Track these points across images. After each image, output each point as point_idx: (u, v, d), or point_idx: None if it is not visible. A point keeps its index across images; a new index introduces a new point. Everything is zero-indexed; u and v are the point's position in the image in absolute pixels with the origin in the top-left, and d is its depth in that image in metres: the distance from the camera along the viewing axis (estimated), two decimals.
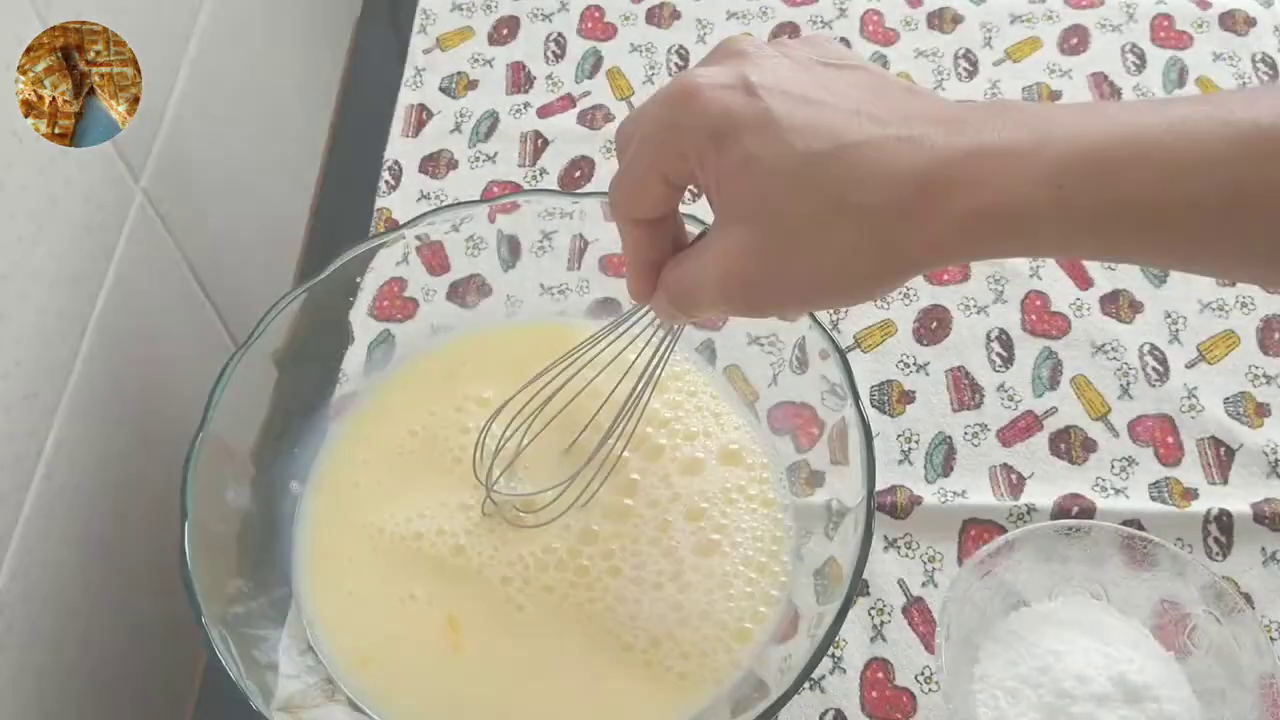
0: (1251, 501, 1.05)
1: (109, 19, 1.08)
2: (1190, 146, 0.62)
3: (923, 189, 0.64)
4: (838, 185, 0.65)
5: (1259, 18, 1.33)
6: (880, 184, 0.64)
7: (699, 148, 0.69)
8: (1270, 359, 1.12)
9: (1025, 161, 0.63)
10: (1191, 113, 0.63)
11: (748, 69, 0.69)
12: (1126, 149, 0.62)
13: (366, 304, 1.15)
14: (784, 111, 0.66)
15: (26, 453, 1.03)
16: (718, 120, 0.67)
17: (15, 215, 1.00)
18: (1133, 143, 0.62)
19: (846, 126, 0.66)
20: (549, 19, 1.39)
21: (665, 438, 1.03)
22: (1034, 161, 0.63)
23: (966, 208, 0.63)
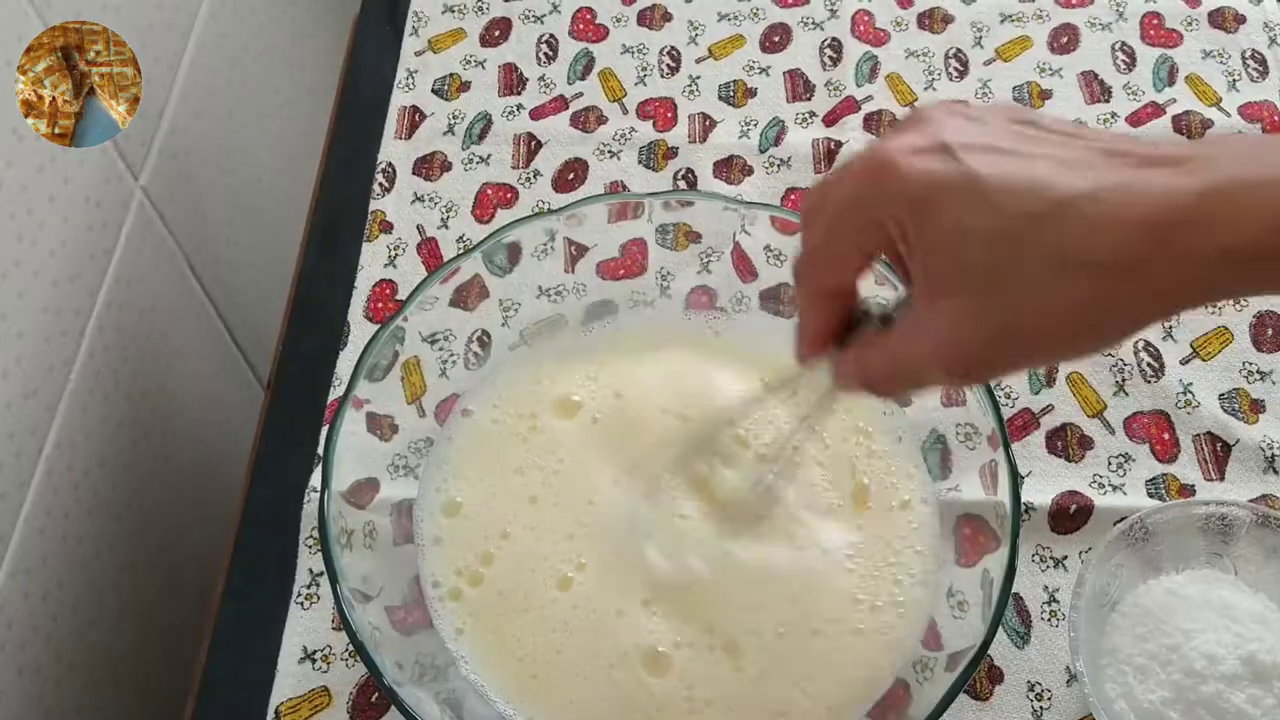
0: (1249, 497, 1.05)
1: (109, 19, 1.09)
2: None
3: (1156, 238, 0.60)
4: (1059, 245, 0.61)
5: (1248, 15, 1.34)
6: (1106, 238, 0.60)
7: (900, 221, 0.65)
8: (1264, 355, 1.13)
9: (1262, 195, 0.59)
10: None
11: (940, 131, 0.65)
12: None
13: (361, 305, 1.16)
14: (988, 171, 0.63)
15: (27, 451, 1.03)
16: (919, 190, 0.64)
17: (15, 214, 1.00)
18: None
19: (1057, 180, 0.62)
20: (540, 21, 1.39)
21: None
22: (1272, 194, 0.59)
23: (1204, 252, 0.59)
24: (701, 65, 1.34)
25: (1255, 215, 0.59)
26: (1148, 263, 0.60)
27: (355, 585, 0.90)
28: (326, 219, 1.26)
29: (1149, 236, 0.60)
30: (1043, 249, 0.61)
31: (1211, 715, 0.89)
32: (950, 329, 0.66)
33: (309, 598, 1.03)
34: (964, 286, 0.64)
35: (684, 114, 1.30)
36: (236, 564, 1.07)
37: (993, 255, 0.63)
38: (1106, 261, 0.60)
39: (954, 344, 0.66)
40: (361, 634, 0.86)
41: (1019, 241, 0.62)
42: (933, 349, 0.67)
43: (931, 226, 0.64)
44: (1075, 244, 0.61)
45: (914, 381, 0.73)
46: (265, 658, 1.01)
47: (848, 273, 0.72)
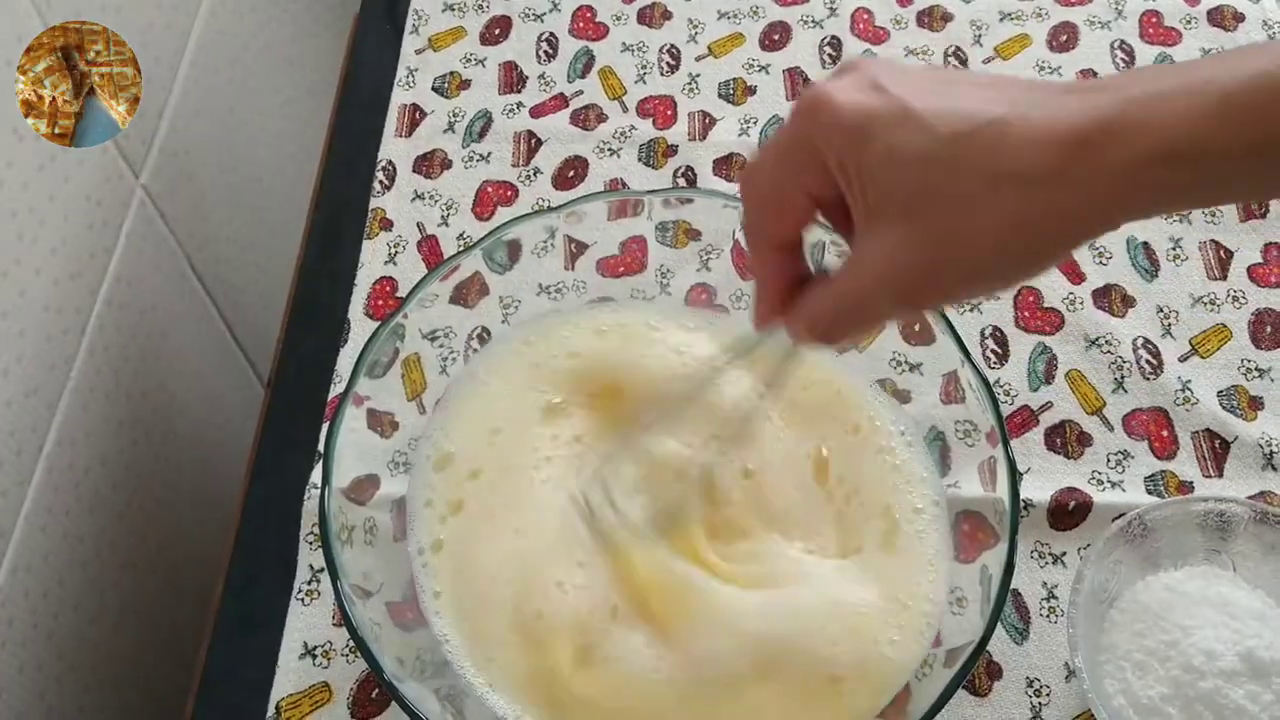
0: (1247, 494, 1.05)
1: (109, 18, 1.09)
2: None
3: (1081, 144, 0.62)
4: (990, 158, 0.64)
5: (1247, 13, 1.34)
6: (1034, 149, 0.63)
7: (838, 150, 0.68)
8: (1262, 352, 1.13)
9: (1183, 102, 0.62)
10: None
11: (871, 72, 0.68)
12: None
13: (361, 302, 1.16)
14: (919, 101, 0.66)
15: (28, 448, 1.03)
16: (854, 118, 0.67)
17: (16, 212, 1.00)
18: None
19: (984, 106, 0.65)
20: (540, 19, 1.39)
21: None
22: (1192, 101, 0.62)
23: (1129, 157, 0.62)
24: (701, 63, 1.34)
25: (1168, 119, 0.62)
26: (1071, 173, 0.63)
27: (355, 581, 0.90)
28: (327, 217, 1.26)
29: (1071, 146, 0.63)
30: (972, 165, 0.64)
31: (1210, 711, 0.90)
32: (892, 255, 0.67)
33: (310, 594, 1.03)
34: (902, 210, 0.66)
35: (684, 112, 1.30)
36: (237, 561, 1.07)
37: (926, 175, 0.65)
38: (1032, 173, 0.63)
39: (897, 269, 0.68)
40: (362, 630, 0.86)
41: (950, 160, 0.65)
42: (877, 278, 0.69)
43: (868, 153, 0.66)
44: (1003, 157, 0.63)
45: (863, 317, 0.73)
46: (266, 654, 1.01)
47: (794, 220, 0.74)
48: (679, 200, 1.07)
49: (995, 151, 0.64)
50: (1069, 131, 0.63)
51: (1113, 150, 0.62)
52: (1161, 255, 1.18)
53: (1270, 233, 1.19)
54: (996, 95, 0.66)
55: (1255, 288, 1.16)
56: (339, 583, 0.88)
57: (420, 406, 1.03)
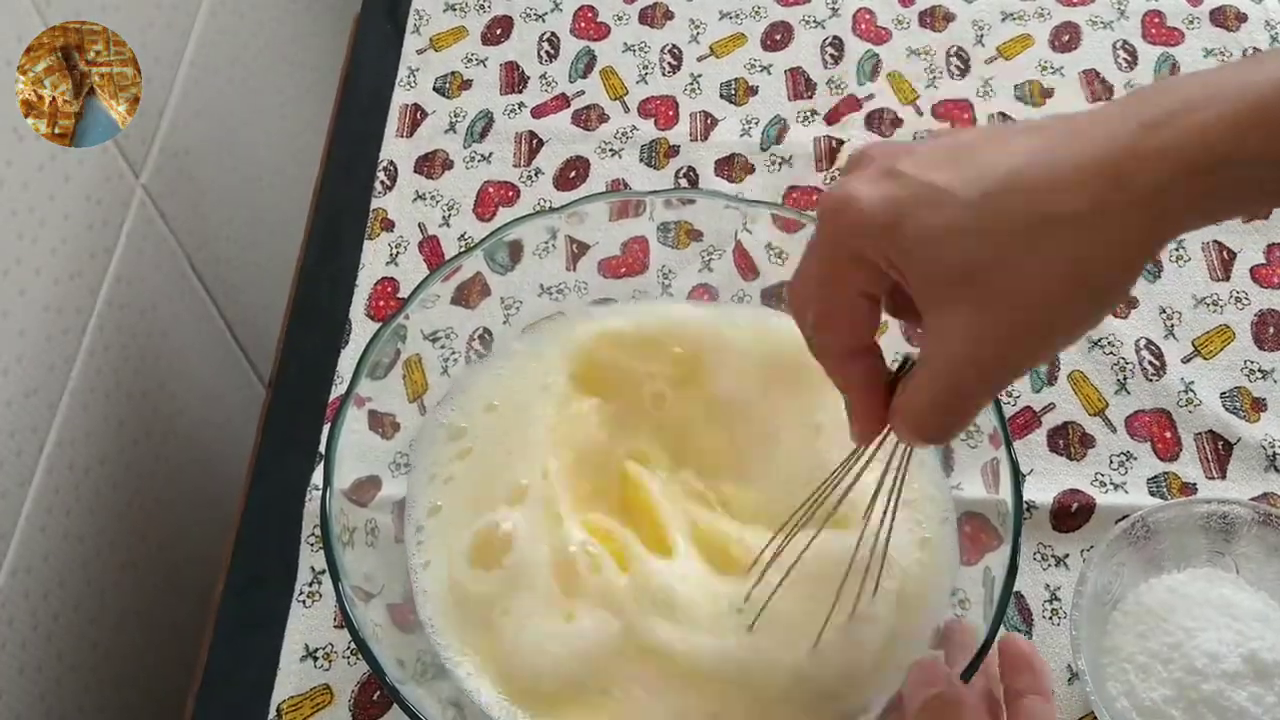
0: (1250, 496, 1.05)
1: (109, 18, 1.08)
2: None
3: (1111, 175, 0.61)
4: (1030, 206, 0.62)
5: (1250, 13, 1.33)
6: (1063, 189, 0.62)
7: (877, 246, 0.66)
8: (1265, 354, 1.13)
9: (1196, 118, 0.61)
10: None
11: (883, 160, 0.67)
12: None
13: (362, 302, 1.16)
14: (936, 175, 0.65)
15: (28, 449, 1.03)
16: (881, 210, 0.66)
17: (16, 212, 1.00)
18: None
19: (1003, 160, 0.64)
20: (542, 19, 1.39)
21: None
22: (1205, 116, 0.61)
23: (1156, 176, 0.61)
24: (703, 63, 1.34)
25: (1185, 137, 0.60)
26: (1105, 205, 0.61)
27: (357, 583, 0.90)
28: (328, 217, 1.26)
29: (1105, 175, 0.61)
30: (1007, 221, 0.63)
31: (1213, 713, 0.89)
32: (964, 334, 0.65)
33: (311, 596, 1.03)
34: (955, 287, 0.65)
35: (685, 112, 1.30)
36: (238, 562, 1.07)
37: (965, 244, 0.64)
38: (1066, 211, 0.62)
39: (975, 346, 0.66)
40: (363, 631, 0.86)
41: (984, 222, 0.63)
42: (960, 361, 0.66)
43: (908, 241, 0.65)
44: (1034, 204, 0.62)
45: (964, 404, 0.69)
46: (267, 656, 1.01)
47: (860, 324, 0.72)
48: (681, 201, 1.07)
49: (1026, 201, 0.63)
50: (1093, 166, 0.62)
51: (1140, 177, 0.61)
52: (1164, 256, 1.18)
53: (1273, 234, 1.19)
54: (1011, 147, 0.65)
55: (1258, 289, 1.16)
56: (340, 584, 0.88)
57: (421, 408, 1.03)
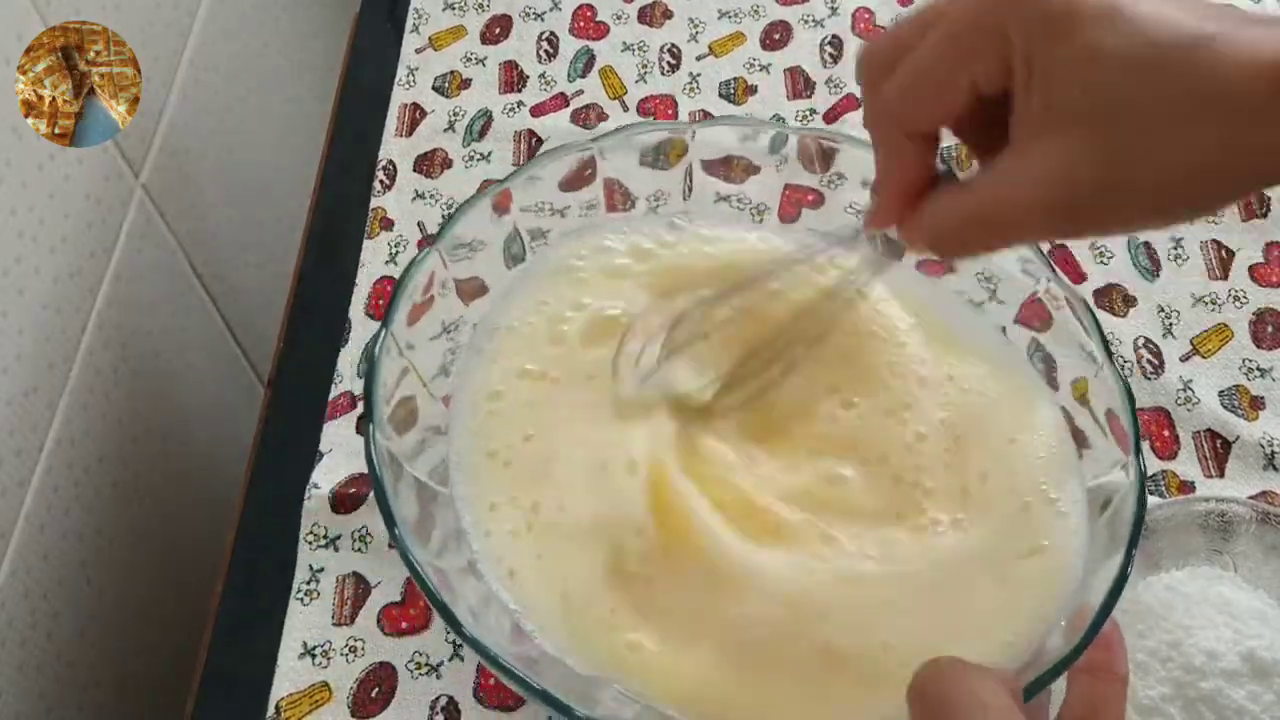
0: (1249, 494, 1.05)
1: (109, 17, 1.09)
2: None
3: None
4: (1200, 77, 0.57)
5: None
6: (1246, 75, 0.56)
7: (1028, 39, 0.60)
8: (1263, 352, 1.13)
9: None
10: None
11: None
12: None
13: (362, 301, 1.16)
14: (1131, 2, 0.58)
15: (28, 447, 1.03)
16: (1055, 6, 0.59)
17: (15, 210, 1.00)
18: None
19: (1195, 19, 0.57)
20: (541, 18, 1.39)
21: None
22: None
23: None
24: (702, 63, 1.34)
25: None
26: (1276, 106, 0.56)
27: (388, 435, 0.84)
28: (327, 216, 1.26)
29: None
30: (1180, 80, 0.57)
31: (1211, 712, 0.89)
32: (1065, 163, 0.60)
33: (309, 593, 1.03)
34: (1087, 116, 0.59)
35: (685, 111, 1.30)
36: (237, 560, 1.07)
37: (1128, 81, 0.58)
38: (1241, 101, 0.56)
39: (1065, 181, 0.60)
40: (381, 465, 0.80)
41: (1156, 70, 0.58)
42: (1036, 189, 0.61)
43: (1065, 46, 0.59)
44: (1214, 79, 0.57)
45: (1003, 230, 0.65)
46: (265, 654, 1.01)
47: (946, 108, 0.66)
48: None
49: (1207, 71, 0.57)
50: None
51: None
52: (1163, 255, 1.18)
53: (1272, 232, 1.19)
54: (1200, 10, 0.58)
55: (1256, 287, 1.16)
56: (373, 407, 0.82)
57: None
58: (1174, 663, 0.91)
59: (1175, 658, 0.91)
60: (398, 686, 0.99)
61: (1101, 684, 0.76)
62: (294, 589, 1.03)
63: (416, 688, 0.99)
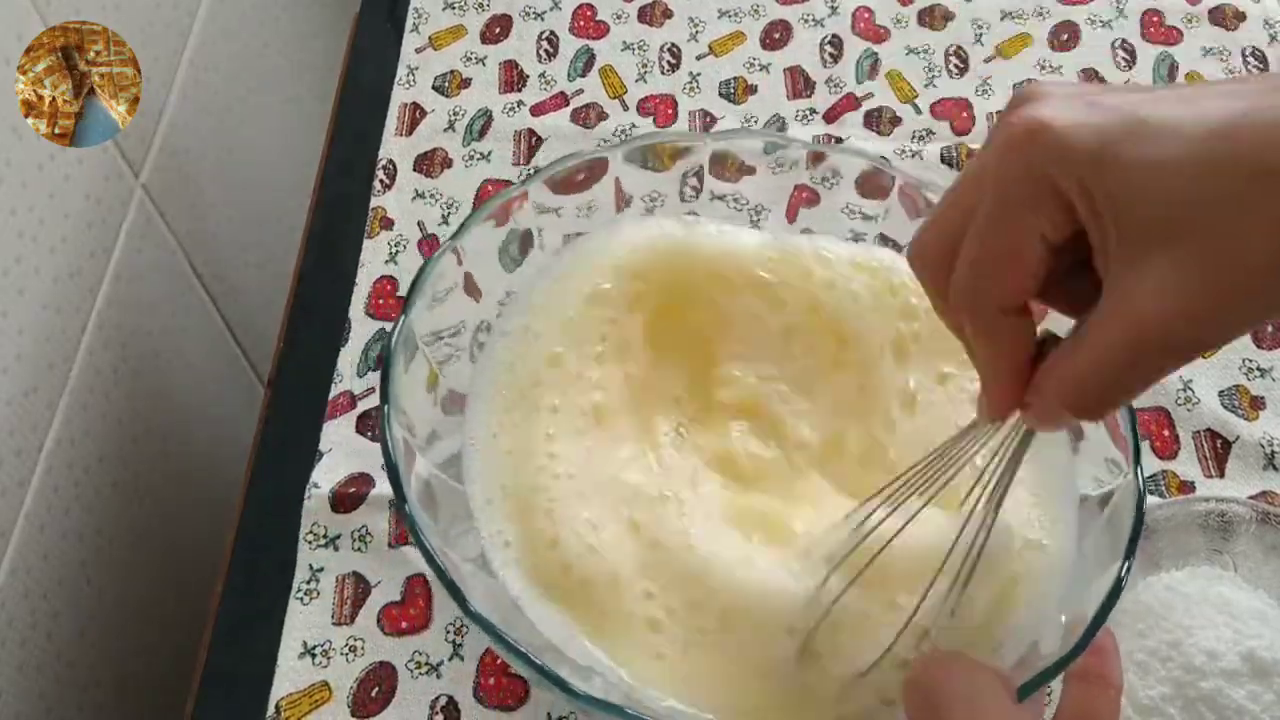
0: (1249, 494, 1.05)
1: (109, 17, 1.09)
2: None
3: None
4: (1252, 155, 0.54)
5: (1249, 12, 1.34)
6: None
7: (1079, 178, 0.57)
8: (1263, 352, 1.13)
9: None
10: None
11: (1066, 92, 0.59)
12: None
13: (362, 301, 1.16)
14: (1151, 110, 0.56)
15: (28, 448, 1.03)
16: (1091, 139, 0.56)
17: (15, 210, 1.00)
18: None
19: (1222, 103, 0.56)
20: (541, 17, 1.39)
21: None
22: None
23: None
24: (702, 62, 1.34)
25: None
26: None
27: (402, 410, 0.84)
28: (327, 216, 1.26)
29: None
30: (1236, 164, 0.54)
31: (1211, 712, 0.90)
32: (1162, 288, 0.56)
33: (309, 593, 1.03)
34: (1166, 230, 0.56)
35: (684, 110, 1.30)
36: (237, 560, 1.07)
37: (1188, 184, 0.55)
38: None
39: (1171, 303, 0.56)
40: (394, 441, 0.80)
41: (1212, 162, 0.55)
42: (1148, 317, 0.57)
43: (1116, 172, 0.56)
44: (1265, 152, 0.54)
45: (1133, 371, 0.59)
46: (265, 653, 1.01)
47: (1029, 272, 0.61)
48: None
49: (1256, 147, 0.54)
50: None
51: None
52: None
53: None
54: (1226, 94, 0.57)
55: None
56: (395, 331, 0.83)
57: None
58: (1174, 663, 0.91)
59: (1175, 658, 0.91)
60: (398, 686, 0.99)
61: (1095, 691, 0.75)
62: (294, 589, 1.03)
63: (416, 687, 0.99)
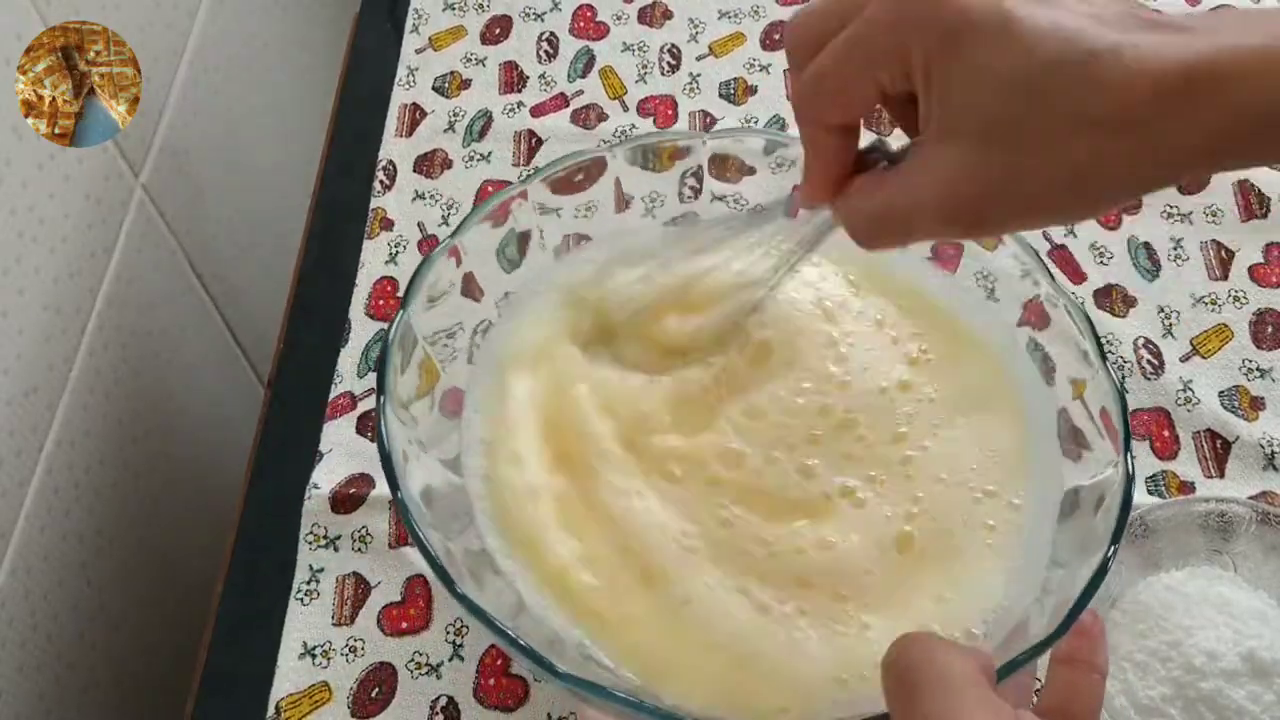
0: (1249, 495, 1.05)
1: (108, 17, 1.09)
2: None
3: (1177, 91, 0.57)
4: (1079, 97, 0.58)
5: None
6: (1126, 92, 0.58)
7: (926, 51, 0.62)
8: (1263, 353, 1.13)
9: (1270, 57, 0.57)
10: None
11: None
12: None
13: (362, 300, 1.16)
14: (1023, 13, 0.59)
15: (27, 449, 1.03)
16: (954, 20, 0.60)
17: (15, 210, 1.00)
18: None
19: (1091, 32, 0.59)
20: (541, 18, 1.39)
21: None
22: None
23: (1211, 113, 0.57)
24: (702, 63, 1.34)
25: (1263, 78, 0.57)
26: (1162, 120, 0.58)
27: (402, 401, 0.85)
28: (327, 216, 1.26)
29: (1166, 93, 0.57)
30: (1060, 100, 0.59)
31: (1211, 712, 0.90)
32: (952, 173, 0.63)
33: (309, 594, 1.03)
34: (976, 130, 0.62)
35: (684, 111, 1.30)
36: (237, 561, 1.07)
37: (1011, 101, 0.60)
38: (1120, 117, 0.58)
39: (953, 189, 0.63)
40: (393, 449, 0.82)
41: (1040, 89, 0.59)
42: (930, 193, 0.64)
43: (958, 62, 0.61)
44: (1093, 98, 0.58)
45: (905, 231, 0.67)
46: (266, 654, 1.01)
47: (859, 105, 0.67)
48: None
49: (1086, 90, 0.58)
50: (1165, 75, 0.57)
51: (1211, 99, 0.57)
52: (1163, 255, 1.18)
53: (1272, 232, 1.19)
54: (1105, 20, 0.59)
55: (1256, 288, 1.16)
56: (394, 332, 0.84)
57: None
58: (1174, 663, 0.91)
59: (1175, 658, 0.91)
60: (398, 686, 0.99)
61: (1079, 674, 0.76)
62: (294, 589, 1.03)
63: (416, 688, 0.99)
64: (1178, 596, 0.95)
